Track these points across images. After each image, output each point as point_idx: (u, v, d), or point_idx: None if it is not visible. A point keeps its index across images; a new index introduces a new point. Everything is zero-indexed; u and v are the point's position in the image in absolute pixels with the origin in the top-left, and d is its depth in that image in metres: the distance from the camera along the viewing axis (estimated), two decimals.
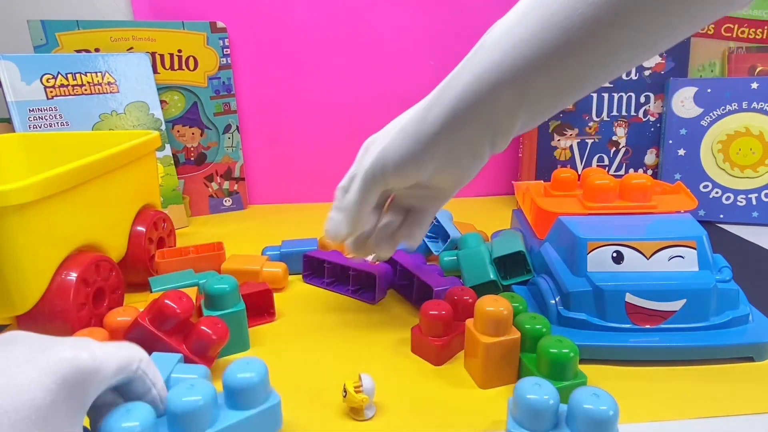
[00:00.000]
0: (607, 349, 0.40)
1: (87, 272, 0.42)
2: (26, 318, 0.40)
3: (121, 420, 0.26)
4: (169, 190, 0.74)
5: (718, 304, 0.41)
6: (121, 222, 0.51)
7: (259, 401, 0.30)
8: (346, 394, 0.34)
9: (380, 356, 0.42)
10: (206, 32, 0.76)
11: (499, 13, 0.34)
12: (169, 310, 0.37)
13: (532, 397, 0.29)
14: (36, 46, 0.68)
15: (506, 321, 0.37)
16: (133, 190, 0.53)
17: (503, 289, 0.50)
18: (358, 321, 0.48)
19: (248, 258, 0.55)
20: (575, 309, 0.42)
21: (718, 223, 0.72)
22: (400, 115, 0.39)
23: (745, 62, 0.80)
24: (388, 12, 0.80)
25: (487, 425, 0.34)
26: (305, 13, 0.79)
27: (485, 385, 0.38)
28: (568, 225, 0.45)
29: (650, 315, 0.41)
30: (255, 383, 0.30)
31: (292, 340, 0.45)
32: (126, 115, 0.71)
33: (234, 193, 0.83)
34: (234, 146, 0.82)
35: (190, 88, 0.77)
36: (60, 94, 0.66)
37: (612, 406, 0.28)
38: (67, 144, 0.60)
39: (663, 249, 0.42)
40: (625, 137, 0.79)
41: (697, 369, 0.39)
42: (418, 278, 0.49)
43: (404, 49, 0.82)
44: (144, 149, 0.54)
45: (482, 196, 0.89)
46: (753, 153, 0.71)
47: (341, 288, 0.53)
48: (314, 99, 0.82)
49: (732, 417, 0.34)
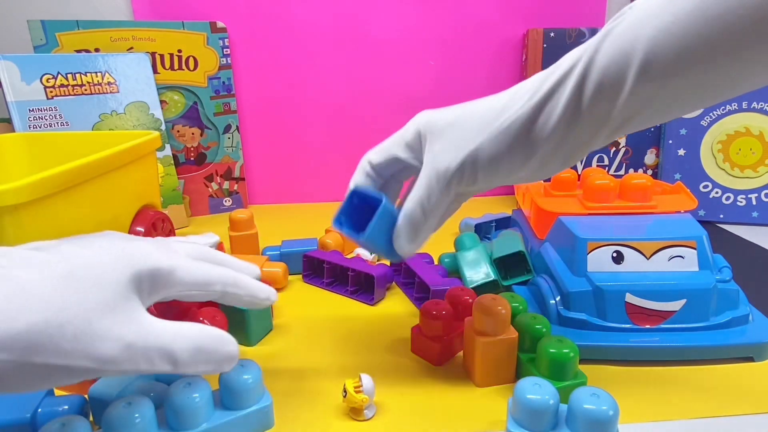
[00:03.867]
0: (607, 349, 0.40)
1: None
2: None
3: (124, 412, 0.27)
4: (169, 190, 0.74)
5: (718, 304, 0.41)
6: (119, 222, 0.51)
7: (253, 402, 0.32)
8: (346, 394, 0.34)
9: (380, 356, 0.42)
10: (206, 32, 0.76)
11: (500, 13, 0.34)
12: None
13: (532, 397, 0.29)
14: (36, 46, 0.68)
15: (504, 320, 0.37)
16: (132, 190, 0.53)
17: (503, 290, 0.50)
18: (358, 321, 0.48)
19: (248, 258, 0.55)
20: (575, 309, 0.42)
21: (718, 223, 0.72)
22: (464, 104, 0.33)
23: None
24: (388, 12, 0.80)
25: (487, 425, 0.34)
26: (305, 13, 0.79)
27: (482, 383, 0.38)
28: (568, 225, 0.45)
29: (650, 315, 0.41)
30: (249, 385, 0.32)
31: (292, 339, 0.45)
32: (126, 115, 0.71)
33: (234, 193, 0.83)
34: (234, 146, 0.82)
35: (190, 88, 0.77)
36: (60, 94, 0.66)
37: (612, 406, 0.28)
38: (67, 144, 0.60)
39: (663, 249, 0.42)
40: (625, 137, 0.79)
41: (697, 369, 0.39)
42: (419, 277, 0.49)
43: (404, 48, 0.82)
44: (144, 149, 0.53)
45: (482, 196, 0.89)
46: (753, 153, 0.71)
47: (341, 288, 0.53)
48: (314, 99, 0.82)
49: (732, 417, 0.34)
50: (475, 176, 0.30)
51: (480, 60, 0.83)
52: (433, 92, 0.83)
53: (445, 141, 0.31)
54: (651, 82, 0.25)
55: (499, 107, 0.30)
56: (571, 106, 0.27)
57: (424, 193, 0.31)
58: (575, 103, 0.27)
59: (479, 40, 0.82)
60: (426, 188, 0.31)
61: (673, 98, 0.26)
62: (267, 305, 0.34)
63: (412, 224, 0.32)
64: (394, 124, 0.36)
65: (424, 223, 0.32)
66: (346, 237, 0.36)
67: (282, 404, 0.35)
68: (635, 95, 0.26)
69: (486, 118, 0.30)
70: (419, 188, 0.31)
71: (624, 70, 0.25)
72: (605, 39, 0.26)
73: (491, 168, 0.30)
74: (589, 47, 0.27)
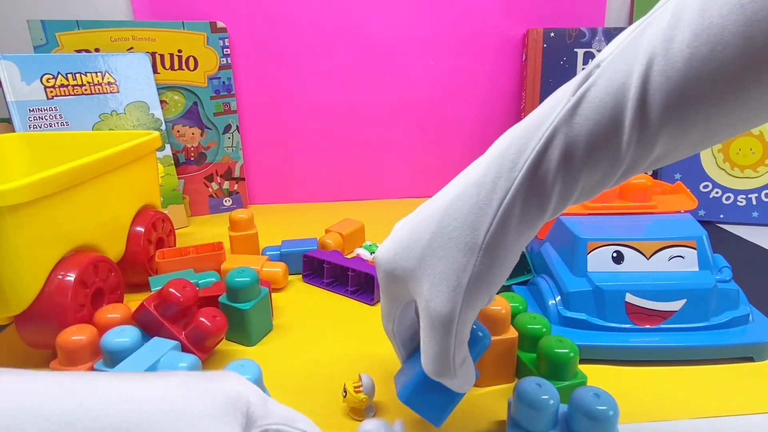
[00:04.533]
0: (607, 349, 0.40)
1: (85, 273, 0.42)
2: (25, 319, 0.40)
3: None
4: (169, 190, 0.74)
5: (718, 304, 0.41)
6: (119, 222, 0.51)
7: None
8: (346, 394, 0.34)
9: (380, 356, 0.42)
10: (206, 32, 0.76)
11: (500, 13, 0.33)
12: (172, 297, 0.39)
13: (532, 397, 0.29)
14: (36, 46, 0.68)
15: (504, 320, 0.37)
16: (132, 190, 0.53)
17: (503, 289, 0.50)
18: (358, 321, 0.48)
19: (248, 258, 0.55)
20: (575, 309, 0.42)
21: (718, 223, 0.72)
22: (415, 215, 0.28)
23: None
24: (388, 12, 0.80)
25: (487, 425, 0.34)
26: (305, 13, 0.79)
27: (481, 383, 0.38)
28: (568, 225, 0.45)
29: (650, 315, 0.41)
30: None
31: (292, 339, 0.45)
32: (126, 115, 0.71)
33: (234, 193, 0.83)
34: (234, 146, 0.82)
35: (190, 88, 0.77)
36: (60, 94, 0.66)
37: (612, 406, 0.28)
38: (67, 144, 0.60)
39: (663, 249, 0.42)
40: None
41: (697, 369, 0.39)
42: None
43: (404, 48, 0.82)
44: (144, 149, 0.53)
45: None
46: (753, 153, 0.71)
47: (340, 288, 0.53)
48: (314, 99, 0.82)
49: (732, 417, 0.34)
50: (484, 299, 0.26)
51: (480, 60, 0.83)
52: (433, 92, 0.83)
53: (430, 280, 0.26)
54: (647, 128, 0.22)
55: (474, 207, 0.25)
56: (561, 176, 0.24)
57: (435, 347, 0.26)
58: (565, 174, 0.24)
59: (479, 40, 0.82)
60: (435, 342, 0.26)
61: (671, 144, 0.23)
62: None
63: (441, 375, 0.27)
64: (394, 124, 0.36)
65: (456, 366, 0.27)
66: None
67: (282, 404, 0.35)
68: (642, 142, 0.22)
69: (463, 232, 0.25)
70: (427, 344, 0.27)
71: (615, 127, 0.22)
72: (577, 111, 0.23)
73: (497, 280, 0.26)
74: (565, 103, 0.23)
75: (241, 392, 0.22)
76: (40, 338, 0.41)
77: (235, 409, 0.21)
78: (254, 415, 0.22)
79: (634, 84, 0.22)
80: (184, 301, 0.39)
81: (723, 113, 0.21)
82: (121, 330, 0.37)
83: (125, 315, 0.40)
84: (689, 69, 0.20)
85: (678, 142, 0.22)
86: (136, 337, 0.36)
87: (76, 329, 0.38)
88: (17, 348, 0.44)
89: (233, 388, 0.22)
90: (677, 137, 0.22)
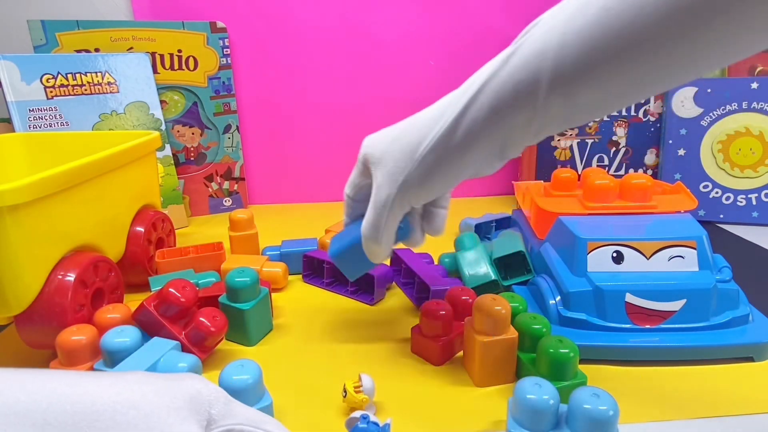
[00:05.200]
0: (607, 349, 0.40)
1: (85, 273, 0.42)
2: (25, 318, 0.40)
3: None
4: (169, 190, 0.74)
5: (718, 304, 0.41)
6: (119, 222, 0.51)
7: (253, 402, 0.32)
8: (346, 394, 0.34)
9: (380, 356, 0.42)
10: (206, 32, 0.76)
11: (500, 13, 0.34)
12: (172, 297, 0.39)
13: (532, 397, 0.29)
14: (36, 46, 0.68)
15: (504, 320, 0.37)
16: (132, 190, 0.53)
17: (503, 290, 0.50)
18: (358, 321, 0.48)
19: (248, 258, 0.55)
20: (575, 309, 0.42)
21: (718, 223, 0.72)
22: (402, 122, 0.35)
23: (744, 62, 0.80)
24: (388, 12, 0.80)
25: (487, 425, 0.34)
26: (305, 13, 0.79)
27: (481, 383, 0.38)
28: (568, 225, 0.45)
29: (650, 315, 0.41)
30: (249, 385, 0.32)
31: (292, 339, 0.45)
32: (126, 115, 0.71)
33: (234, 193, 0.83)
34: (234, 146, 0.82)
35: (190, 88, 0.77)
36: (60, 94, 0.66)
37: (612, 406, 0.28)
38: (67, 144, 0.60)
39: (663, 249, 0.42)
40: (625, 137, 0.79)
41: (697, 369, 0.39)
42: (419, 277, 0.49)
43: (404, 48, 0.82)
44: (144, 149, 0.53)
45: (482, 196, 0.89)
46: (753, 153, 0.71)
47: (340, 288, 0.53)
48: (314, 99, 0.82)
49: (732, 417, 0.34)
50: (416, 198, 0.34)
51: (480, 60, 0.82)
52: (433, 92, 0.83)
53: (383, 170, 0.34)
54: (562, 87, 0.27)
55: (425, 129, 0.32)
56: (479, 126, 0.30)
57: (373, 218, 0.35)
58: (491, 114, 0.29)
59: (479, 40, 0.82)
60: (374, 214, 0.35)
61: (582, 107, 0.28)
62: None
63: (370, 241, 0.36)
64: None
65: (382, 237, 0.35)
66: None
67: (282, 404, 0.35)
68: (547, 105, 0.28)
69: (412, 144, 0.33)
70: (369, 213, 0.35)
71: (536, 79, 0.28)
72: (514, 54, 0.29)
73: (426, 189, 0.33)
74: (497, 62, 0.30)
75: (201, 390, 0.23)
76: (40, 338, 0.41)
77: (193, 406, 0.22)
78: (216, 415, 0.23)
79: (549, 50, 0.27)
80: (184, 301, 0.39)
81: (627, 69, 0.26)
82: (121, 330, 0.37)
83: (125, 315, 0.40)
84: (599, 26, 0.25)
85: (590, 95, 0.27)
86: (136, 337, 0.37)
87: (76, 329, 0.38)
88: (17, 348, 0.44)
89: (192, 386, 0.23)
90: (594, 88, 0.27)
